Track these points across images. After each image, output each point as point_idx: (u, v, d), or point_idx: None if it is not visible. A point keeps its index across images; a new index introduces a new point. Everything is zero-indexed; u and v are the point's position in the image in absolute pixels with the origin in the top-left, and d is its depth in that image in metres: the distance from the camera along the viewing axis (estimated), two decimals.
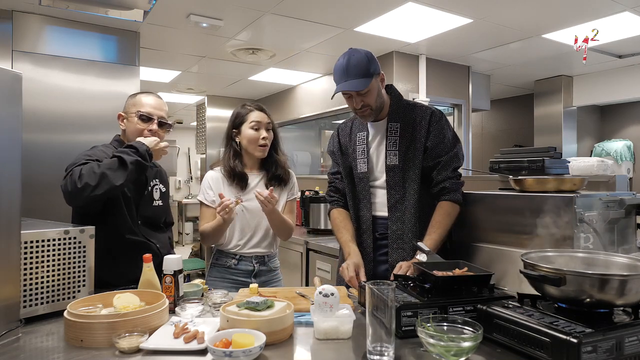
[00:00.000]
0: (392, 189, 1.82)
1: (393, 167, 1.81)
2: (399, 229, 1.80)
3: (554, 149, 2.23)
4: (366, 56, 1.75)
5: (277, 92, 6.14)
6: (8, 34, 3.20)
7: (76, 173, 1.53)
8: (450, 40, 3.87)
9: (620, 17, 3.29)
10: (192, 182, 10.20)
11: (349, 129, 1.99)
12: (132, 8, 3.17)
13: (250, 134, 1.95)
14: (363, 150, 1.89)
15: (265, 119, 1.98)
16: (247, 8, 3.15)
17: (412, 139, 1.81)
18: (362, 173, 1.88)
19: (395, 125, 1.84)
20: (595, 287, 1.03)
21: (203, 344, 1.11)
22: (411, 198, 1.79)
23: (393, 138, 1.83)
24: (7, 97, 1.21)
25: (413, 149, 1.80)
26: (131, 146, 1.65)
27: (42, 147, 3.13)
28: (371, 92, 1.75)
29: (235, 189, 1.97)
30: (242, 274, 1.96)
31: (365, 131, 1.91)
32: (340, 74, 1.74)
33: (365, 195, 1.87)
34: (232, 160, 1.98)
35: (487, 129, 6.69)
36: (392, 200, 1.82)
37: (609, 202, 1.54)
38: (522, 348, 1.06)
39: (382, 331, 1.05)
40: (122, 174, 1.57)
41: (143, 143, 1.69)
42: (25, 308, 1.31)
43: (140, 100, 1.85)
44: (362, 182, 1.89)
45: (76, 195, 1.52)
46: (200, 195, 2.01)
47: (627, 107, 5.40)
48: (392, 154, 1.82)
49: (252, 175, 2.01)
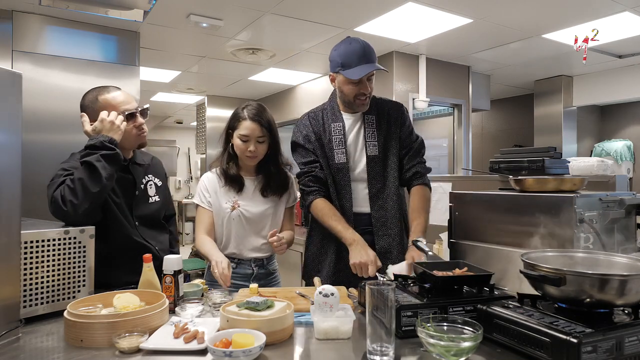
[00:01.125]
0: (373, 179, 1.89)
1: (374, 158, 1.89)
2: (382, 216, 1.88)
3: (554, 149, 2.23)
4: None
5: (277, 92, 6.14)
6: (8, 34, 3.20)
7: (58, 199, 1.50)
8: (450, 40, 3.87)
9: (620, 17, 3.29)
10: (192, 182, 10.20)
11: (321, 119, 1.96)
12: (132, 8, 3.17)
13: (238, 143, 1.84)
14: (340, 141, 1.91)
15: (256, 132, 1.82)
16: (247, 8, 3.15)
17: (388, 131, 1.92)
18: (341, 164, 1.89)
19: (371, 117, 1.92)
20: (595, 287, 1.03)
21: (203, 344, 1.11)
22: (392, 185, 1.89)
23: (370, 130, 1.91)
24: (7, 97, 1.21)
25: (390, 139, 1.91)
26: (89, 146, 1.58)
27: (42, 147, 3.13)
28: (374, 78, 1.86)
29: (231, 191, 1.90)
30: (241, 278, 1.90)
31: (341, 122, 1.93)
32: (360, 55, 1.77)
33: (345, 186, 1.89)
34: (227, 162, 1.91)
35: (487, 129, 6.70)
36: (373, 189, 1.88)
37: (609, 202, 1.54)
38: (522, 348, 1.06)
39: (382, 331, 1.05)
40: (97, 176, 1.51)
41: (96, 133, 1.61)
42: (25, 308, 1.31)
43: (109, 102, 1.71)
44: (341, 172, 1.89)
45: (68, 217, 1.48)
46: (196, 197, 1.94)
47: (627, 107, 5.40)
48: (372, 144, 1.89)
49: (248, 179, 1.94)
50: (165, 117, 8.69)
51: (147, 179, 1.85)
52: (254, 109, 1.85)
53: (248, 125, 1.82)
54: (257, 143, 1.84)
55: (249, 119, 1.82)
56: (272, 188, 1.93)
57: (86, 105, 1.74)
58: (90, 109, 1.72)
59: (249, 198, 1.91)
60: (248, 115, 1.83)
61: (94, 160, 1.53)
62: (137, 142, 1.79)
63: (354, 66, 1.77)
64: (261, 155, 1.88)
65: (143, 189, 1.82)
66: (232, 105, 6.53)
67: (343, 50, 1.80)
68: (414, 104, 4.31)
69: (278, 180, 1.94)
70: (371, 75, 1.82)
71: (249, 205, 1.90)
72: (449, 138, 4.92)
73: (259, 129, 1.83)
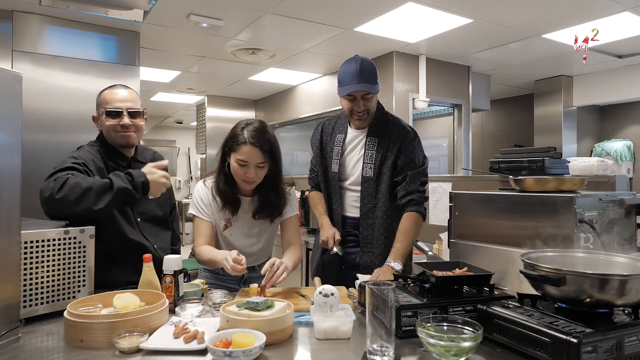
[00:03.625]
0: (365, 199, 1.97)
1: (368, 179, 1.96)
2: (369, 234, 1.97)
3: (554, 149, 2.23)
4: (374, 65, 1.92)
5: (277, 92, 6.14)
6: (8, 34, 3.20)
7: (60, 181, 1.45)
8: (450, 40, 3.87)
9: (620, 17, 3.29)
10: (192, 182, 10.19)
11: (332, 128, 2.12)
12: (132, 8, 3.17)
13: (235, 167, 1.69)
14: (338, 152, 2.04)
15: (256, 158, 1.66)
16: (247, 8, 3.15)
17: (385, 156, 1.96)
18: (334, 173, 2.03)
19: (374, 140, 1.98)
20: (595, 287, 1.03)
21: (203, 344, 1.11)
22: (381, 208, 1.95)
23: (370, 152, 1.97)
24: (7, 97, 1.21)
25: (386, 164, 1.95)
26: (130, 173, 1.56)
27: (42, 147, 3.13)
28: (374, 98, 1.93)
29: (226, 211, 1.80)
30: (232, 281, 1.87)
31: (344, 134, 2.06)
32: (353, 74, 1.86)
33: (335, 193, 2.04)
34: (223, 184, 1.76)
35: (487, 129, 6.70)
36: (364, 208, 1.98)
37: (609, 202, 1.54)
38: (522, 348, 1.06)
39: (382, 331, 1.05)
40: (105, 198, 1.47)
41: (144, 174, 1.57)
42: (25, 308, 1.31)
43: (104, 97, 1.76)
44: (332, 180, 2.04)
45: (51, 204, 1.44)
46: (192, 208, 1.81)
47: (627, 107, 5.40)
48: (369, 166, 1.96)
49: (244, 200, 1.82)
50: (165, 117, 8.68)
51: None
52: (255, 131, 1.67)
53: (247, 151, 1.65)
54: (256, 168, 1.68)
55: (249, 143, 1.65)
56: (266, 213, 1.81)
57: (96, 98, 1.82)
58: (96, 103, 1.81)
59: (242, 219, 1.83)
60: (248, 139, 1.65)
61: (117, 186, 1.49)
62: (120, 140, 1.77)
63: (345, 85, 1.89)
64: (259, 180, 1.73)
65: None
66: (232, 105, 6.56)
67: (342, 68, 1.93)
68: (414, 104, 4.30)
69: (273, 206, 1.81)
70: (366, 94, 1.89)
71: (241, 227, 1.83)
72: (449, 138, 4.92)
73: (259, 155, 1.66)
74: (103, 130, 1.78)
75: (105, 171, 1.71)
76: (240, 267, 1.51)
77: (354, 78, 1.86)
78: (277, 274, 1.53)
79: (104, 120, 1.75)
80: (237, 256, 1.53)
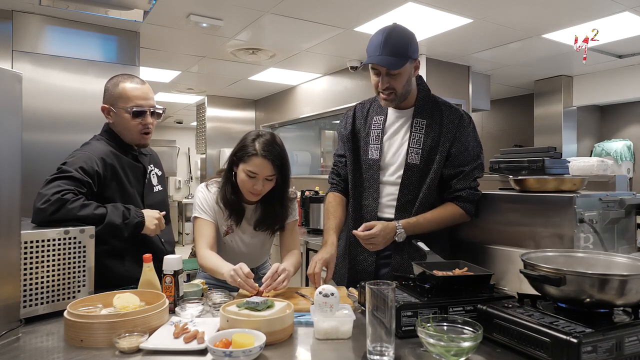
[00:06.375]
0: (405, 188, 1.69)
1: (413, 166, 1.68)
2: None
3: (554, 149, 2.23)
4: (407, 36, 1.63)
5: (277, 92, 6.14)
6: (8, 34, 3.20)
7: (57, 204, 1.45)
8: (450, 40, 3.86)
9: (620, 17, 3.29)
10: (192, 182, 10.20)
11: (367, 111, 1.83)
12: (132, 8, 3.17)
13: (243, 178, 1.66)
14: (378, 136, 1.75)
15: (266, 171, 1.64)
16: (247, 8, 3.15)
17: (437, 141, 1.69)
18: (373, 160, 1.74)
19: (422, 122, 1.71)
20: (595, 287, 1.03)
21: (203, 344, 1.11)
22: (424, 201, 1.68)
23: (417, 135, 1.70)
24: (7, 97, 1.21)
25: (436, 151, 1.68)
26: (128, 209, 1.57)
27: (42, 147, 3.13)
28: (402, 75, 1.63)
29: (230, 219, 1.78)
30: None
31: (384, 115, 1.77)
32: (376, 46, 1.60)
33: (373, 184, 1.73)
34: (230, 193, 1.73)
35: (487, 129, 6.69)
36: (402, 199, 1.69)
37: (609, 202, 1.54)
38: (522, 348, 1.06)
39: (382, 331, 1.05)
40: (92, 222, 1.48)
41: (142, 215, 1.59)
42: (25, 308, 1.31)
43: (126, 92, 1.71)
44: (371, 169, 1.74)
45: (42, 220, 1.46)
46: (196, 210, 1.77)
47: (627, 107, 5.40)
48: (415, 151, 1.68)
49: (248, 208, 1.80)
50: (165, 117, 8.69)
51: (150, 168, 1.87)
52: (267, 144, 1.64)
53: (258, 163, 1.62)
54: (264, 181, 1.66)
55: (260, 155, 1.62)
56: (267, 225, 1.79)
57: (107, 88, 1.76)
58: (109, 93, 1.74)
59: (244, 227, 1.81)
60: (260, 151, 1.62)
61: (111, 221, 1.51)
62: (139, 141, 1.79)
63: (369, 55, 1.63)
64: (265, 192, 1.71)
65: (149, 177, 1.85)
66: (232, 105, 6.56)
67: (373, 35, 1.65)
68: None
69: (276, 217, 1.79)
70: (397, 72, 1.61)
71: (242, 234, 1.82)
72: None
73: (269, 167, 1.64)
74: (119, 126, 1.74)
75: (118, 169, 1.69)
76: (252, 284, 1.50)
77: (377, 49, 1.59)
78: (278, 280, 1.53)
79: (127, 118, 1.71)
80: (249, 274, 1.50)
